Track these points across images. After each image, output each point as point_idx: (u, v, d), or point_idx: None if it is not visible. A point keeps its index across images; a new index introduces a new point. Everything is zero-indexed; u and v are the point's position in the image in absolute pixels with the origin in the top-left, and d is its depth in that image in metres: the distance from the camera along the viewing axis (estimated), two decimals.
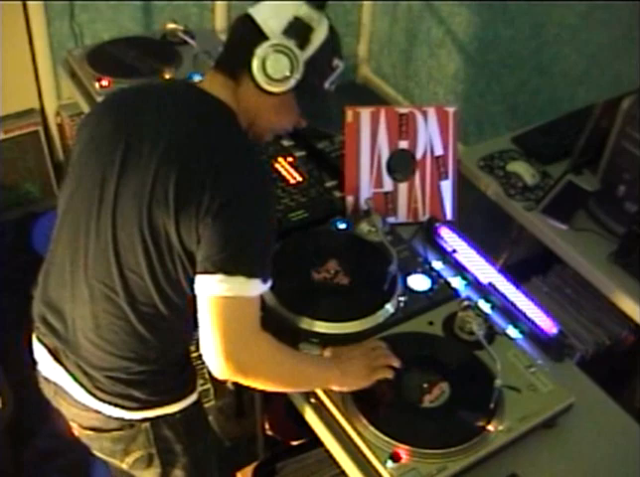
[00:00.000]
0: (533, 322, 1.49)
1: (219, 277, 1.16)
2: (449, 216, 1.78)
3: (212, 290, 1.17)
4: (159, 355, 1.31)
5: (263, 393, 1.86)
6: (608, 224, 1.83)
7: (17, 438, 2.11)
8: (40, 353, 1.40)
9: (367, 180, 1.73)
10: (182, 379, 1.40)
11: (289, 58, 1.24)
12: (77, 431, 1.43)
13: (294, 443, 2.06)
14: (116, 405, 1.32)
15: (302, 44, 1.26)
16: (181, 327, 1.34)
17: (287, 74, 1.25)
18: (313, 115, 1.37)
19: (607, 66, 2.58)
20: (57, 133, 2.98)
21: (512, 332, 1.48)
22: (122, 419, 1.33)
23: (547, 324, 1.48)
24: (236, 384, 2.22)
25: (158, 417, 1.35)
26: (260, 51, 1.23)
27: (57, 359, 1.36)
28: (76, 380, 1.33)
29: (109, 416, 1.33)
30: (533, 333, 1.48)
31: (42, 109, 2.93)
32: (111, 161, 1.25)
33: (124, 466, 1.43)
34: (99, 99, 2.03)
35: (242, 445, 2.16)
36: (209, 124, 1.26)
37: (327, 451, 1.35)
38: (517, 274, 1.65)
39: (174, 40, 2.30)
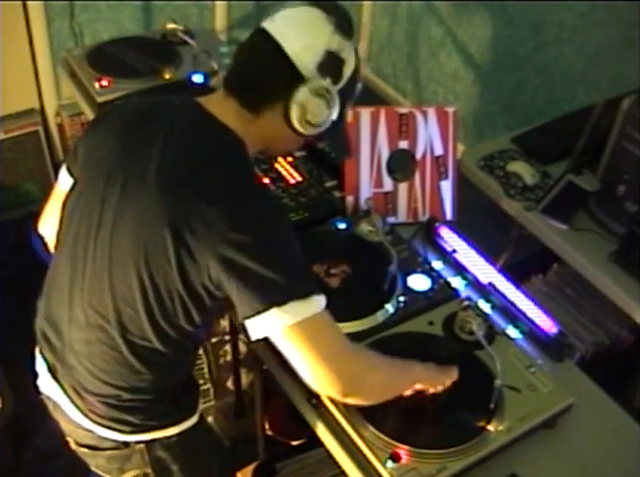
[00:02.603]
0: (533, 322, 1.49)
1: (275, 311, 1.09)
2: (449, 216, 1.78)
3: (278, 325, 1.10)
4: (153, 386, 1.27)
5: (263, 392, 1.86)
6: (608, 224, 1.83)
7: (17, 438, 2.11)
8: (40, 368, 1.38)
9: (367, 180, 1.73)
10: (179, 405, 1.35)
11: (327, 100, 1.20)
12: (73, 446, 1.42)
13: (294, 443, 2.06)
14: (110, 428, 1.29)
15: (336, 79, 1.21)
16: (179, 361, 1.30)
17: (326, 117, 1.21)
18: (334, 140, 1.37)
19: (607, 66, 2.58)
20: (57, 133, 2.98)
21: (512, 332, 1.48)
22: (116, 441, 1.31)
23: (547, 324, 1.48)
24: (236, 384, 2.22)
25: (153, 440, 1.32)
26: (301, 96, 1.17)
27: (54, 377, 1.34)
28: (71, 400, 1.31)
29: (104, 437, 1.31)
30: (533, 333, 1.48)
31: (42, 109, 2.93)
32: (112, 186, 1.20)
33: None
34: (100, 99, 2.04)
35: (242, 445, 2.16)
36: (215, 160, 1.18)
37: (327, 451, 1.35)
38: (517, 274, 1.65)
39: (174, 40, 2.30)
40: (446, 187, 1.77)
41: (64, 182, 1.38)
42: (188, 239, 1.11)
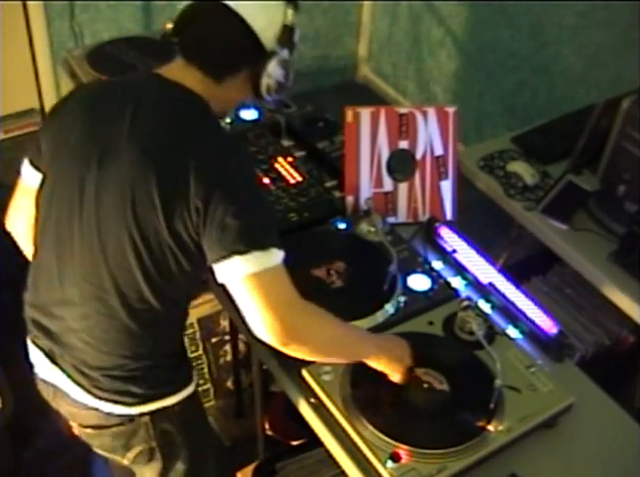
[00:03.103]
0: (533, 322, 1.49)
1: (237, 259, 1.17)
2: (449, 216, 1.78)
3: (238, 273, 1.17)
4: (152, 350, 1.32)
5: (263, 392, 1.86)
6: (608, 224, 1.83)
7: (17, 438, 2.11)
8: (36, 356, 1.41)
9: (367, 180, 1.73)
10: (178, 371, 1.40)
11: (287, 69, 1.32)
12: (76, 430, 1.44)
13: (294, 443, 2.06)
14: (115, 402, 1.32)
15: (291, 48, 1.33)
16: (175, 320, 1.37)
17: (284, 83, 1.34)
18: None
19: (607, 66, 2.58)
20: None
21: (512, 332, 1.48)
22: (122, 415, 1.34)
23: (547, 324, 1.48)
24: (236, 384, 2.23)
25: (157, 411, 1.35)
26: (272, 70, 1.29)
27: (53, 361, 1.36)
28: (73, 380, 1.34)
29: (109, 413, 1.34)
30: (533, 333, 1.48)
31: (42, 109, 2.94)
32: (87, 165, 1.24)
33: (125, 462, 1.44)
34: None
35: (242, 445, 2.16)
36: (184, 119, 1.25)
37: (327, 451, 1.35)
38: (517, 274, 1.65)
39: (174, 40, 2.29)
40: (446, 187, 1.77)
41: (28, 177, 1.44)
42: (170, 191, 1.18)
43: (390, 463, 1.20)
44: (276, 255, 1.20)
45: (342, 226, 1.66)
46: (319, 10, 3.50)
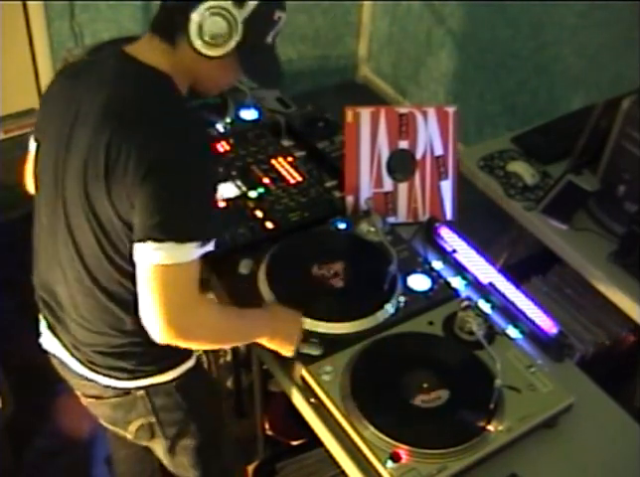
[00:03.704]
0: (533, 322, 1.49)
1: (150, 245, 1.16)
2: (449, 216, 1.78)
3: (146, 258, 1.17)
4: (136, 327, 1.29)
5: (263, 392, 1.86)
6: (608, 224, 1.83)
7: (17, 438, 2.11)
8: (43, 329, 1.46)
9: (367, 180, 1.73)
10: (170, 348, 1.32)
11: (227, 19, 1.21)
12: (82, 399, 1.47)
13: (294, 443, 2.06)
14: (109, 376, 1.36)
15: (240, 1, 1.22)
16: None
17: (225, 36, 1.22)
18: (254, 72, 1.34)
19: (607, 66, 2.58)
20: None
21: (512, 332, 1.48)
22: (117, 388, 1.37)
23: (547, 324, 1.48)
24: (236, 384, 2.23)
25: (152, 386, 1.36)
26: (196, 15, 1.19)
27: (55, 334, 1.42)
28: (71, 354, 1.39)
29: (106, 386, 1.37)
30: (533, 333, 1.48)
31: None
32: (59, 144, 1.28)
33: (129, 436, 1.45)
34: None
35: (242, 445, 2.16)
36: (141, 95, 1.24)
37: (327, 451, 1.35)
38: (517, 274, 1.65)
39: None
40: (446, 187, 1.77)
41: (32, 147, 1.47)
42: (113, 169, 1.18)
43: (390, 463, 1.20)
44: (191, 252, 1.18)
45: (342, 226, 1.66)
46: (319, 10, 3.50)
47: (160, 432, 1.43)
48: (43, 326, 1.46)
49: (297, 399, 1.38)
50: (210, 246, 1.22)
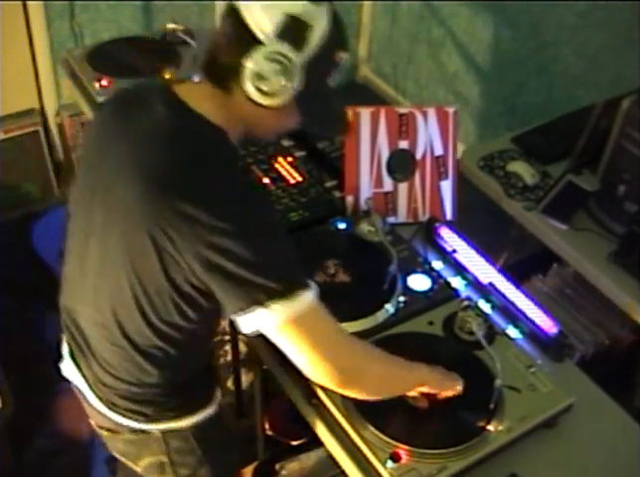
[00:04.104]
0: (533, 322, 1.49)
1: (261, 311, 1.07)
2: (449, 216, 1.77)
3: (266, 324, 1.08)
4: (162, 382, 1.27)
5: (263, 392, 1.86)
6: (608, 224, 1.83)
7: (17, 438, 2.11)
8: (64, 353, 1.43)
9: (367, 180, 1.73)
10: (192, 398, 1.35)
11: (285, 66, 1.09)
12: (95, 428, 1.46)
13: (294, 443, 2.06)
14: (126, 417, 1.31)
15: (299, 45, 1.10)
16: (186, 358, 1.28)
17: (283, 85, 1.10)
18: (314, 119, 1.25)
19: (607, 66, 2.58)
20: (57, 133, 2.98)
21: (512, 332, 1.48)
22: (134, 428, 1.33)
23: (547, 324, 1.48)
24: (236, 384, 2.22)
25: (169, 429, 1.33)
26: (252, 62, 1.09)
27: (76, 363, 1.37)
28: (90, 388, 1.34)
29: (121, 424, 1.33)
30: (533, 333, 1.48)
31: (42, 109, 2.93)
32: (95, 189, 1.20)
33: (139, 470, 1.42)
34: (100, 99, 2.04)
35: (242, 445, 2.16)
36: (194, 158, 1.11)
37: (327, 451, 1.35)
38: (517, 274, 1.65)
39: (174, 40, 2.30)
40: (446, 187, 1.77)
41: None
42: (169, 243, 1.08)
43: (390, 463, 1.20)
44: (305, 295, 1.08)
45: (342, 226, 1.66)
46: None
47: (171, 471, 1.39)
48: (65, 351, 1.41)
49: (298, 400, 1.38)
50: (313, 285, 1.11)
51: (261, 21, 1.09)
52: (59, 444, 2.15)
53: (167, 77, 2.13)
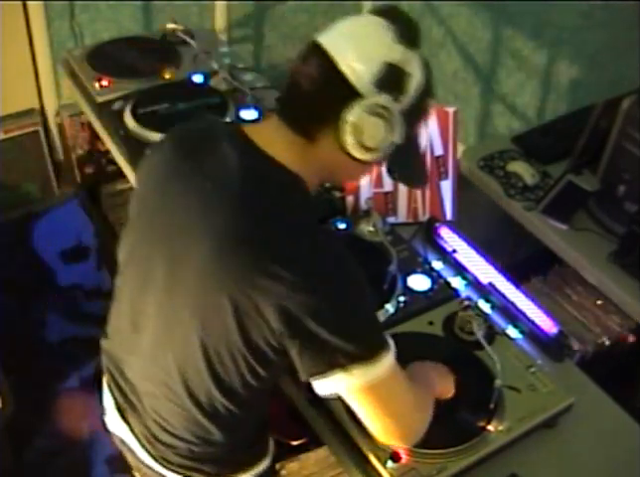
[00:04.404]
0: (533, 322, 1.49)
1: (340, 375, 1.02)
2: (449, 216, 1.77)
3: (343, 388, 1.04)
4: (224, 440, 1.20)
5: None
6: (608, 224, 1.83)
7: (17, 438, 2.11)
8: (108, 403, 1.33)
9: (367, 180, 1.73)
10: (251, 452, 1.30)
11: (386, 119, 1.03)
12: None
13: (294, 443, 2.06)
14: (182, 474, 1.24)
15: (398, 95, 1.04)
16: (250, 416, 1.22)
17: (385, 139, 1.05)
18: (401, 167, 1.18)
19: (607, 66, 2.58)
20: (57, 133, 2.98)
21: (512, 332, 1.48)
22: None
23: (547, 324, 1.48)
24: None
25: None
26: (354, 116, 1.01)
27: (123, 417, 1.28)
28: (141, 444, 1.26)
29: None
30: (533, 333, 1.48)
31: (42, 109, 2.93)
32: (159, 238, 1.12)
33: None
34: (100, 99, 2.03)
35: None
36: (267, 207, 1.04)
37: (327, 451, 1.35)
38: (517, 274, 1.65)
39: (174, 40, 2.30)
40: (446, 187, 1.77)
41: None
42: (249, 304, 1.01)
43: (390, 463, 1.20)
44: (385, 359, 1.04)
45: (342, 226, 1.66)
46: (319, 10, 3.50)
47: None
48: (109, 404, 1.31)
49: (298, 400, 1.38)
50: (392, 346, 1.07)
51: (358, 68, 1.02)
52: (59, 444, 2.15)
53: (167, 76, 2.13)
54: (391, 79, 1.03)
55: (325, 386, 1.04)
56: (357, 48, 1.03)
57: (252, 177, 1.06)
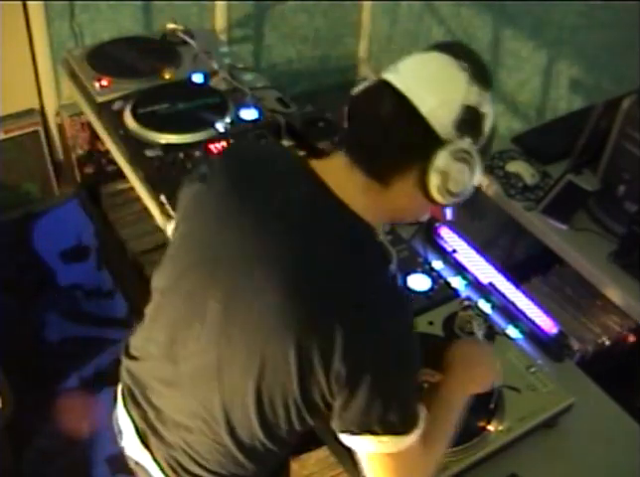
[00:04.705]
0: (533, 322, 1.49)
1: (368, 437, 1.02)
2: (449, 216, 1.77)
3: (366, 449, 1.05)
4: (254, 473, 1.18)
5: None
6: (608, 224, 1.83)
7: (17, 438, 2.11)
8: (126, 427, 1.27)
9: None
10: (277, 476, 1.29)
11: (470, 164, 1.02)
12: None
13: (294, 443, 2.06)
14: None
15: (476, 137, 1.03)
16: (282, 449, 1.19)
17: (469, 183, 1.04)
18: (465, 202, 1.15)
19: (607, 66, 2.58)
20: (57, 133, 2.98)
21: (512, 332, 1.48)
22: None
23: (547, 324, 1.48)
24: None
25: None
26: (441, 162, 1.00)
27: (144, 443, 1.23)
28: (164, 472, 1.21)
29: None
30: (533, 333, 1.48)
31: (42, 109, 2.93)
32: (213, 272, 1.07)
33: None
34: (100, 99, 2.03)
35: None
36: (345, 264, 1.01)
37: (327, 451, 1.35)
38: (517, 274, 1.65)
39: (174, 40, 2.30)
40: None
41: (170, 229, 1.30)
42: (317, 355, 0.98)
43: None
44: (414, 434, 1.04)
45: None
46: (319, 10, 3.50)
47: None
48: (127, 427, 1.25)
49: None
50: (421, 425, 1.06)
51: (439, 113, 1.00)
52: (59, 444, 2.15)
53: (167, 76, 2.13)
54: (469, 121, 1.02)
55: (351, 441, 1.05)
56: (437, 92, 1.01)
57: (326, 222, 1.04)
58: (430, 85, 1.02)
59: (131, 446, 1.27)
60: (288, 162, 1.14)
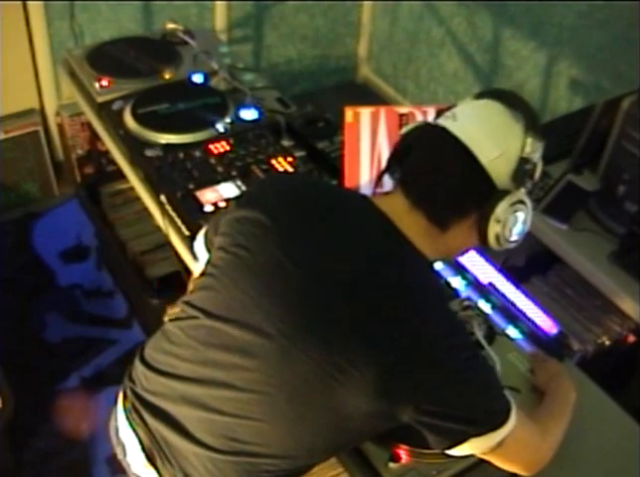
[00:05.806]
0: (533, 322, 1.48)
1: (473, 440, 1.06)
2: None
3: (476, 449, 1.09)
4: None
5: None
6: (608, 224, 1.83)
7: (17, 438, 2.11)
8: (129, 442, 1.21)
9: (367, 180, 1.73)
10: None
11: (524, 212, 1.10)
12: None
13: None
14: None
15: (528, 185, 1.11)
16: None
17: (523, 230, 1.11)
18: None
19: (607, 66, 2.58)
20: (57, 133, 2.98)
21: (512, 332, 1.48)
22: None
23: (547, 324, 1.48)
24: None
25: None
26: (501, 212, 1.06)
27: (151, 461, 1.17)
28: None
29: None
30: (533, 333, 1.48)
31: (42, 109, 2.93)
32: (269, 307, 1.05)
33: None
34: (100, 99, 2.03)
35: None
36: (416, 308, 1.03)
37: None
38: (517, 274, 1.65)
39: (174, 40, 2.30)
40: None
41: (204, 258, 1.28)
42: (387, 402, 1.02)
43: (390, 463, 1.20)
44: (510, 421, 1.08)
45: None
46: (319, 10, 3.50)
47: None
48: (131, 442, 1.20)
49: None
50: (514, 410, 1.10)
51: (499, 164, 1.06)
52: (59, 444, 2.15)
53: (167, 76, 2.13)
54: (524, 172, 1.08)
55: (458, 451, 1.08)
56: (497, 144, 1.06)
57: (395, 260, 1.07)
58: (490, 137, 1.07)
59: (135, 463, 1.21)
60: (352, 200, 1.16)
